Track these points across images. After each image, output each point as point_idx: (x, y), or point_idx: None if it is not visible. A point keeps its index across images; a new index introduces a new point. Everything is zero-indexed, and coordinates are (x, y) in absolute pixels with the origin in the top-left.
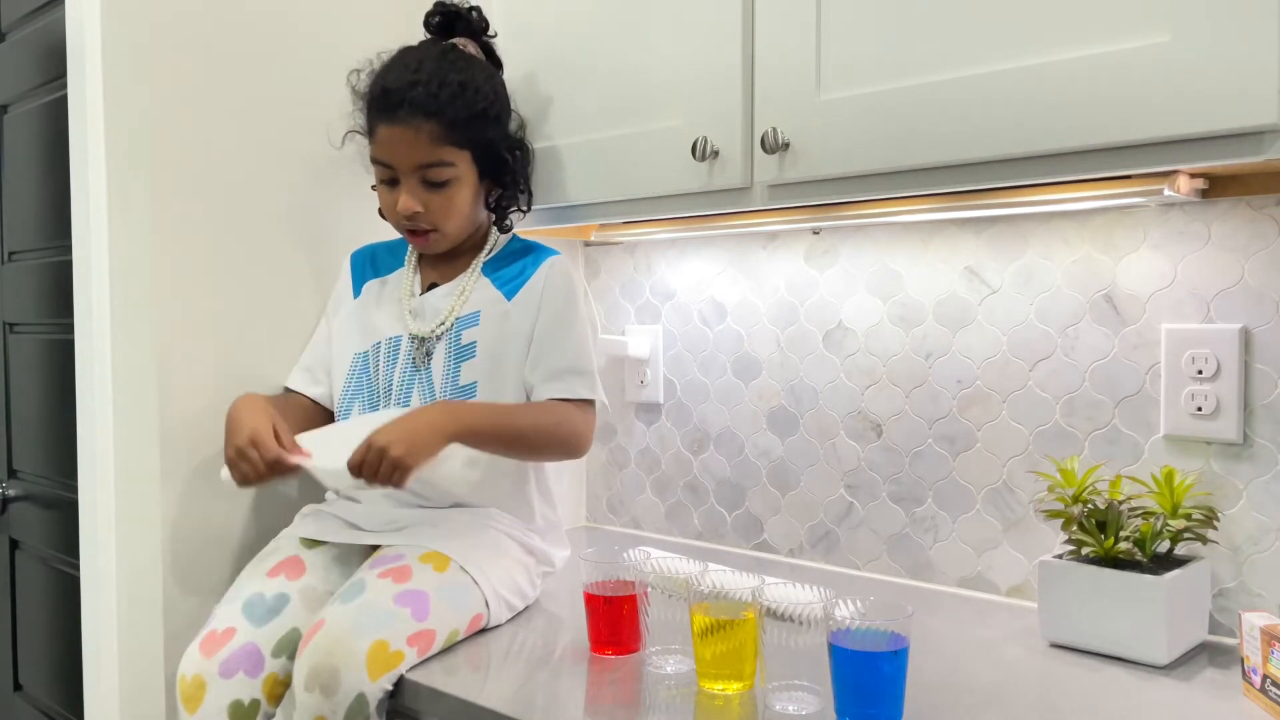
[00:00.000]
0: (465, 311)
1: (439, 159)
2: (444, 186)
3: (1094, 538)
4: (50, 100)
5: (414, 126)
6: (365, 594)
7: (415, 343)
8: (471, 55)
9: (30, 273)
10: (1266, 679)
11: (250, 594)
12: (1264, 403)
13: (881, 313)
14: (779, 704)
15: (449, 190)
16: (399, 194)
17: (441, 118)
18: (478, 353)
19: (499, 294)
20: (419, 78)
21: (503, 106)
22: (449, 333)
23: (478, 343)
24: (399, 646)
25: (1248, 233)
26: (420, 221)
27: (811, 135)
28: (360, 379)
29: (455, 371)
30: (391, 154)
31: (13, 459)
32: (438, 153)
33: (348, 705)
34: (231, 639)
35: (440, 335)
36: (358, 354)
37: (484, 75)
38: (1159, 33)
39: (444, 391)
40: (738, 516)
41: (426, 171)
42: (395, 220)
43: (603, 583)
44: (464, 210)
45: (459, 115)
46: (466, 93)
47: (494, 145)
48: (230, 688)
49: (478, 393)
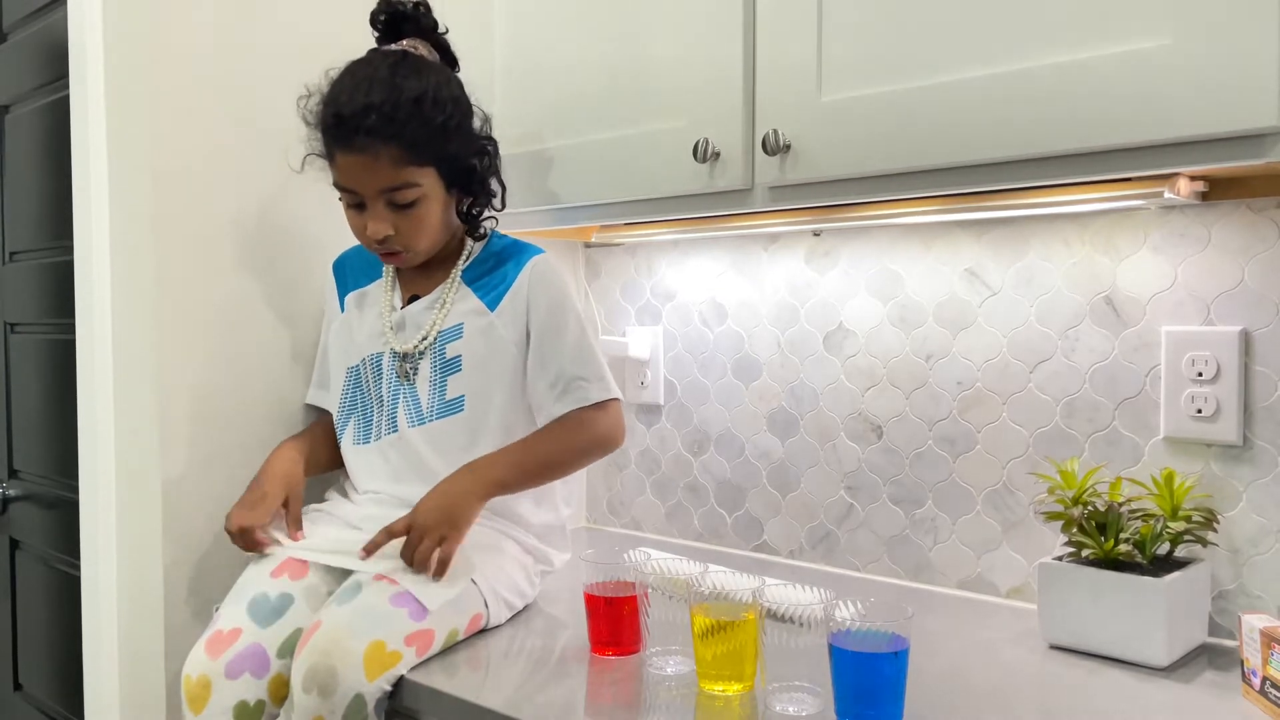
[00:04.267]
0: (448, 324)
1: (403, 181)
2: (412, 207)
3: (1094, 540)
4: (52, 101)
5: (372, 153)
6: (362, 595)
7: (398, 359)
8: (424, 60)
9: (31, 273)
10: (1266, 681)
11: (255, 594)
12: (1264, 405)
13: (882, 314)
14: (779, 705)
15: (418, 210)
16: (366, 218)
17: (401, 139)
18: (463, 366)
19: (481, 304)
20: (372, 100)
21: (463, 112)
22: (432, 347)
23: (463, 356)
24: (396, 647)
25: (1248, 235)
26: (392, 244)
27: (813, 137)
28: (354, 393)
29: (442, 385)
30: (353, 181)
31: (13, 459)
32: (401, 175)
33: (345, 705)
34: (237, 640)
35: (424, 351)
36: (349, 368)
37: (440, 82)
38: (1159, 35)
39: (431, 405)
40: (738, 518)
41: (392, 195)
42: (366, 243)
43: (603, 583)
44: (435, 226)
45: (419, 134)
46: (424, 108)
47: (458, 157)
48: (236, 688)
49: (465, 406)
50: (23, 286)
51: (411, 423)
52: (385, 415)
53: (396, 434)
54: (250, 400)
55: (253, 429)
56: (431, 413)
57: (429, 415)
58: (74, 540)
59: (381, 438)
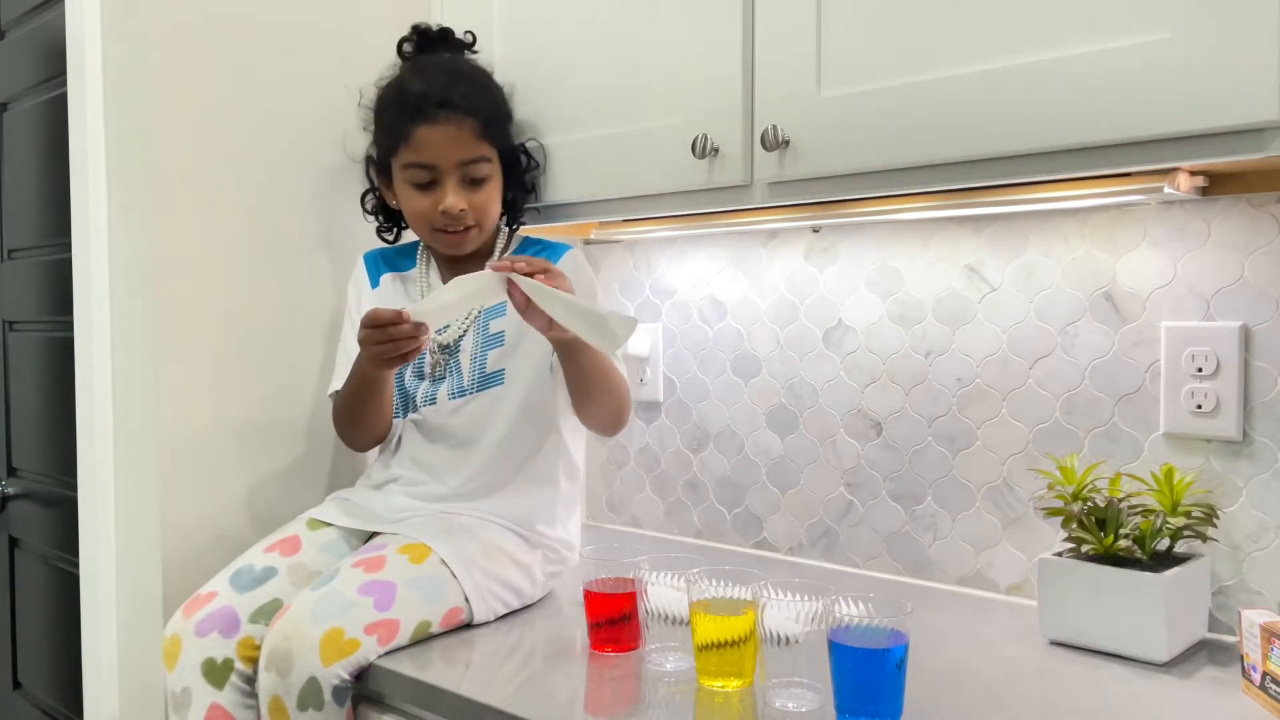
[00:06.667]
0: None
1: (480, 154)
2: (483, 184)
3: (1094, 535)
4: (50, 98)
5: (456, 123)
6: (333, 582)
7: (438, 333)
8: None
9: (30, 270)
10: (1266, 676)
11: (241, 566)
12: (1264, 400)
13: (881, 311)
14: (779, 701)
15: (487, 187)
16: (439, 194)
17: (480, 115)
18: (505, 341)
19: None
20: (451, 78)
21: (511, 108)
22: (477, 321)
23: (505, 332)
24: (355, 635)
25: (1248, 230)
26: (465, 219)
27: (812, 132)
28: None
29: (483, 359)
30: (435, 154)
31: (12, 457)
32: (479, 148)
33: (300, 687)
34: (211, 602)
35: (466, 328)
36: None
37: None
38: (1159, 29)
39: (471, 379)
40: (737, 515)
41: (470, 168)
42: (431, 222)
43: (603, 580)
44: (496, 209)
45: (491, 113)
46: (493, 91)
47: (511, 145)
48: (204, 646)
49: (505, 379)
50: (21, 284)
51: (452, 394)
52: (426, 389)
53: (434, 406)
54: (249, 397)
55: (251, 426)
56: (473, 385)
57: (470, 388)
58: (73, 538)
59: (419, 409)
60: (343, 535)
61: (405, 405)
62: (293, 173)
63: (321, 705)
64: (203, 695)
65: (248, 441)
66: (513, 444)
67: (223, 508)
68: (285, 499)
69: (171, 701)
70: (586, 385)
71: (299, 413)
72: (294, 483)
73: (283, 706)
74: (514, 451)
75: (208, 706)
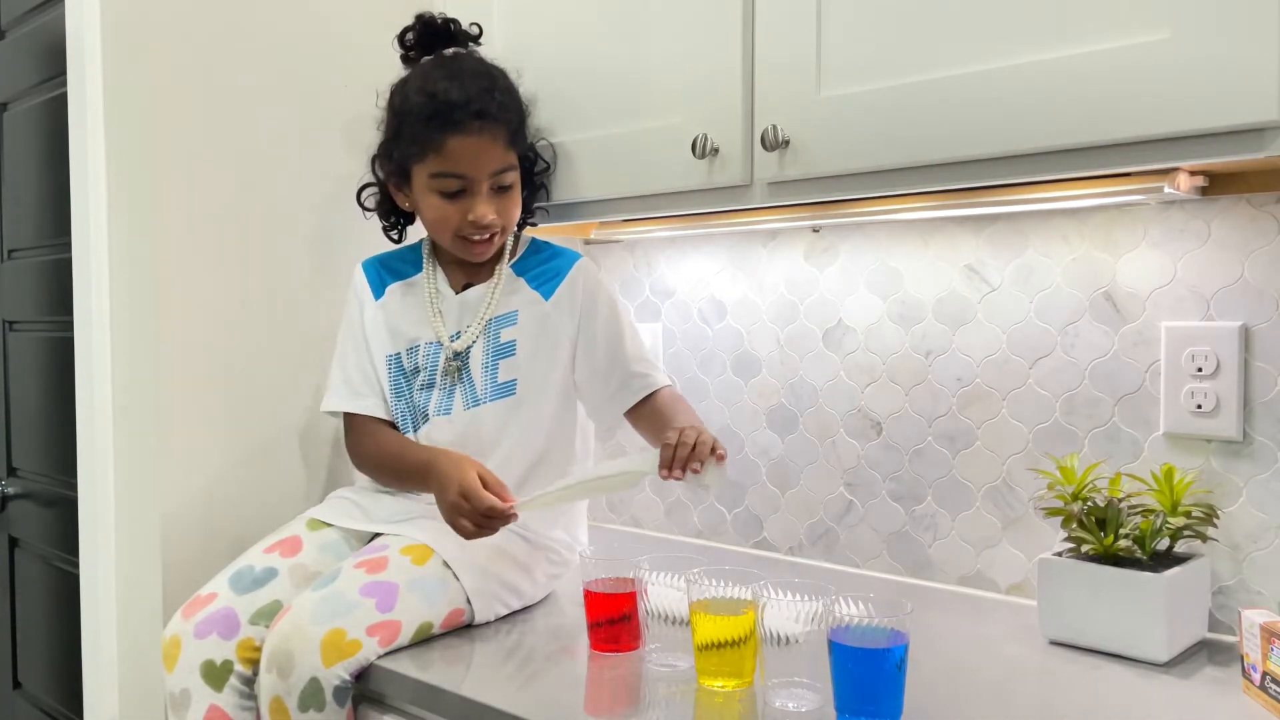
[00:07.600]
0: (502, 311)
1: (509, 163)
2: (509, 190)
3: (1094, 535)
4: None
5: (490, 134)
6: (335, 583)
7: (451, 340)
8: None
9: (30, 270)
10: (1266, 676)
11: (241, 567)
12: (1264, 400)
13: (881, 311)
14: (779, 701)
15: (512, 193)
16: (468, 203)
17: (509, 123)
18: (517, 351)
19: (536, 294)
20: (483, 85)
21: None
22: (486, 332)
23: (516, 341)
24: (357, 636)
25: (1248, 230)
26: (494, 228)
27: (811, 132)
28: (398, 380)
29: (494, 369)
30: (469, 165)
31: (12, 456)
32: (508, 156)
33: (301, 688)
34: (211, 603)
35: (476, 335)
36: (389, 356)
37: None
38: (1159, 29)
39: (484, 389)
40: (737, 514)
41: (499, 177)
42: (457, 230)
43: (603, 580)
44: (519, 211)
45: (516, 120)
46: (517, 97)
47: (532, 148)
48: (203, 647)
49: (517, 390)
50: (21, 284)
51: (467, 404)
52: (439, 400)
53: (448, 417)
54: (248, 398)
55: (251, 426)
56: (485, 395)
57: (483, 398)
58: (73, 538)
59: (430, 420)
60: (343, 536)
61: (415, 419)
62: (295, 171)
63: (323, 706)
64: (202, 697)
65: (248, 441)
66: (523, 451)
67: (223, 508)
68: (285, 499)
69: (171, 703)
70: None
71: (299, 412)
72: (294, 483)
73: (284, 707)
74: (523, 458)
75: (206, 708)
